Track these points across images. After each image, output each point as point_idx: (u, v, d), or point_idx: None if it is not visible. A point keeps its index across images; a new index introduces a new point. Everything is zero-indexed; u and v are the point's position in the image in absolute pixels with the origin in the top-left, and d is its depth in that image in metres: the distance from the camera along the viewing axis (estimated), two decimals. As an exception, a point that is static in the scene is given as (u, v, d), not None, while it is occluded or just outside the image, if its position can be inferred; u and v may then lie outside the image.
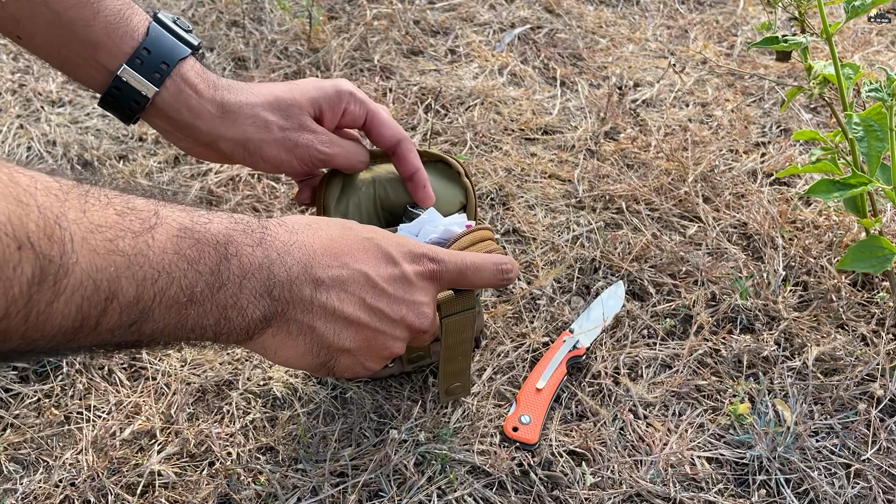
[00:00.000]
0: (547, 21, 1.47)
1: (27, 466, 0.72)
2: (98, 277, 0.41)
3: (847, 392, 0.78)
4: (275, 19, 1.42)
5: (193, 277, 0.46)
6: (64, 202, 0.40)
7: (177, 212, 0.47)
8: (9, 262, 0.36)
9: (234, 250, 0.49)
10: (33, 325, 0.39)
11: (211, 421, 0.75)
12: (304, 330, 0.54)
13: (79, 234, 0.40)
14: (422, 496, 0.69)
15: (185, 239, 0.46)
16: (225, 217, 0.50)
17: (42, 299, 0.39)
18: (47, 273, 0.38)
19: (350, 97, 0.69)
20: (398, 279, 0.57)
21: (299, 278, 0.52)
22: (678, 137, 1.16)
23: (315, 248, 0.54)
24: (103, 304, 0.42)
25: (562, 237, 0.99)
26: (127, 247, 0.43)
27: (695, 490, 0.70)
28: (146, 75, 0.63)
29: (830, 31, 0.77)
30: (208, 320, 0.48)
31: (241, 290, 0.49)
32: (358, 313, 0.55)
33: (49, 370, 0.80)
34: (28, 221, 0.37)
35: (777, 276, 0.91)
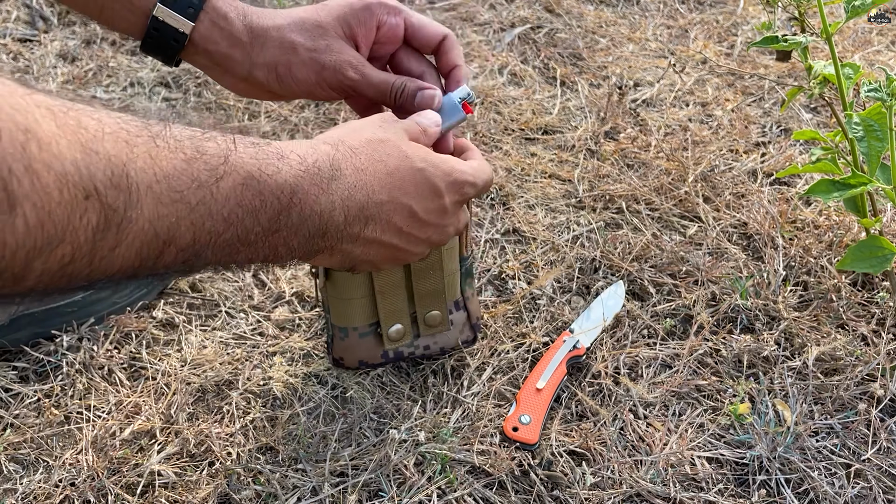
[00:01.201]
0: (547, 21, 1.47)
1: (27, 466, 0.72)
2: (159, 225, 0.42)
3: (847, 392, 0.78)
4: (275, 19, 1.42)
5: (251, 224, 0.48)
6: (133, 148, 0.41)
7: (247, 157, 0.48)
8: (76, 211, 0.37)
9: (298, 199, 0.51)
10: (97, 269, 0.40)
11: (211, 421, 0.75)
12: (344, 254, 0.59)
13: (145, 183, 0.41)
14: (422, 496, 0.69)
15: (249, 188, 0.47)
16: (296, 162, 0.51)
17: (105, 245, 0.40)
18: (111, 222, 0.39)
19: (381, 8, 0.67)
20: (438, 210, 0.62)
21: (354, 219, 0.56)
22: (678, 137, 1.16)
23: (374, 186, 0.57)
24: (161, 248, 0.43)
25: (562, 237, 0.99)
26: (191, 196, 0.44)
27: (695, 490, 0.70)
28: (180, 11, 0.64)
29: (830, 30, 0.77)
30: (257, 256, 0.51)
31: (296, 234, 0.52)
32: (393, 239, 0.60)
33: (49, 370, 0.80)
34: (96, 171, 0.38)
35: (777, 276, 0.91)
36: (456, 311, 0.79)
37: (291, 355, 0.83)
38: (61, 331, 0.83)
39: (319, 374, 0.81)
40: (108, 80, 1.28)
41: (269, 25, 0.66)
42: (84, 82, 1.27)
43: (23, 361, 0.81)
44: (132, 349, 0.83)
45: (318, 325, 0.86)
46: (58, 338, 0.82)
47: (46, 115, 0.37)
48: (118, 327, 0.85)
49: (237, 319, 0.87)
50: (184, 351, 0.83)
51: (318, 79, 0.66)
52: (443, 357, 0.82)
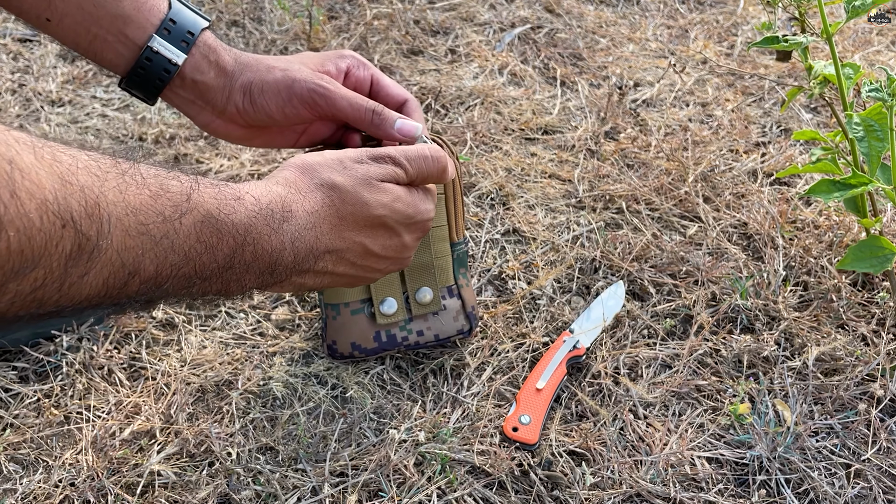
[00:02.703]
0: (547, 21, 1.47)
1: (27, 466, 0.72)
2: (126, 256, 0.44)
3: (847, 392, 0.78)
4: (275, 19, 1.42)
5: (208, 260, 0.50)
6: (104, 182, 0.43)
7: (207, 197, 0.50)
8: (53, 238, 0.39)
9: (252, 239, 0.53)
10: (65, 295, 0.42)
11: (211, 421, 0.75)
12: (293, 284, 0.60)
13: (115, 214, 0.43)
14: (422, 496, 0.69)
15: (207, 226, 0.50)
16: (251, 203, 0.54)
17: (76, 273, 0.41)
18: (84, 250, 0.41)
19: (353, 60, 0.72)
20: (397, 246, 0.63)
21: (305, 259, 0.58)
22: (678, 137, 1.16)
23: (324, 228, 0.58)
24: (126, 279, 0.45)
25: (562, 237, 0.99)
26: (155, 230, 0.46)
27: (695, 490, 0.70)
28: (174, 44, 0.67)
29: (831, 30, 0.77)
30: (210, 290, 0.53)
31: (247, 271, 0.54)
32: (346, 270, 0.62)
33: (49, 370, 0.80)
34: (72, 201, 0.40)
35: (777, 276, 0.91)
36: (449, 297, 0.80)
37: (291, 355, 0.83)
38: (61, 331, 0.83)
39: (319, 374, 0.81)
40: (107, 81, 1.28)
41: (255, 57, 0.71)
42: (84, 82, 1.27)
43: (23, 361, 0.81)
44: (132, 349, 0.83)
45: (318, 325, 0.86)
46: (58, 338, 0.82)
47: (25, 149, 0.38)
48: (118, 327, 0.85)
49: (237, 319, 0.87)
50: (184, 351, 0.83)
51: (288, 94, 0.68)
52: (441, 356, 0.82)
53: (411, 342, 0.79)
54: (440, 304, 0.79)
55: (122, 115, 1.20)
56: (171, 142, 1.13)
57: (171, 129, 1.16)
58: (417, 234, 0.66)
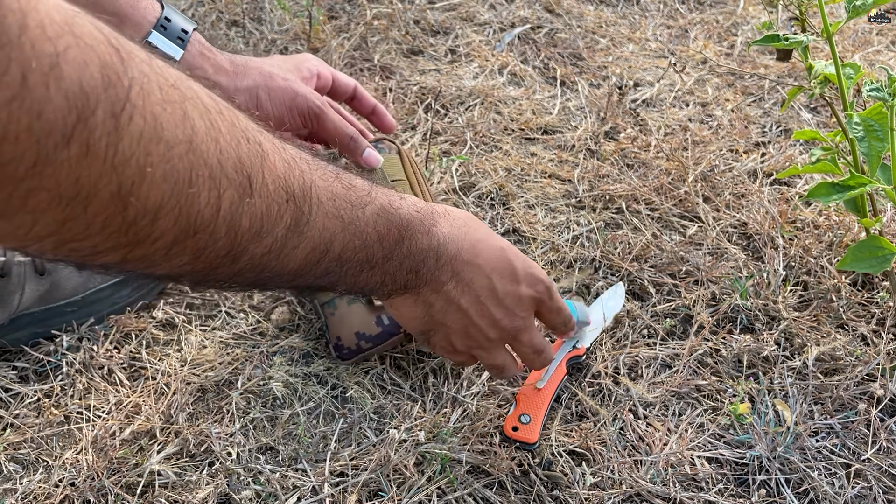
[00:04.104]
0: (547, 21, 1.47)
1: (27, 466, 0.72)
2: (324, 235, 0.51)
3: (847, 392, 0.78)
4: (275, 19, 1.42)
5: (377, 248, 0.57)
6: (313, 171, 0.50)
7: (381, 193, 0.58)
8: (281, 209, 0.46)
9: (410, 234, 0.59)
10: (280, 263, 0.49)
11: (211, 421, 0.75)
12: (426, 304, 0.64)
13: (319, 197, 0.50)
14: (422, 496, 0.69)
15: (381, 217, 0.56)
16: (410, 204, 0.60)
17: (290, 243, 0.48)
18: (299, 223, 0.48)
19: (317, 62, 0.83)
20: (514, 295, 0.66)
21: (444, 267, 0.62)
22: (678, 137, 1.16)
23: (463, 245, 0.63)
24: (320, 255, 0.52)
25: (562, 237, 0.99)
26: (346, 215, 0.53)
27: (695, 490, 0.70)
28: (171, 41, 0.71)
29: (831, 30, 0.77)
30: (371, 281, 0.58)
31: (402, 266, 0.59)
32: (469, 305, 0.64)
33: (49, 370, 0.80)
34: (293, 181, 0.47)
35: (777, 276, 0.91)
36: None
37: (291, 355, 0.83)
38: (61, 331, 0.83)
39: (319, 374, 0.81)
40: (108, 80, 1.28)
41: (248, 59, 0.76)
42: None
43: (23, 361, 0.81)
44: (132, 349, 0.83)
45: (318, 326, 0.86)
46: (58, 338, 0.82)
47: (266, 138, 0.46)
48: (118, 327, 0.85)
49: (237, 319, 0.87)
50: (184, 351, 0.83)
51: (291, 104, 0.76)
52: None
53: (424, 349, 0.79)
54: None
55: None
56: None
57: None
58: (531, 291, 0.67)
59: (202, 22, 1.39)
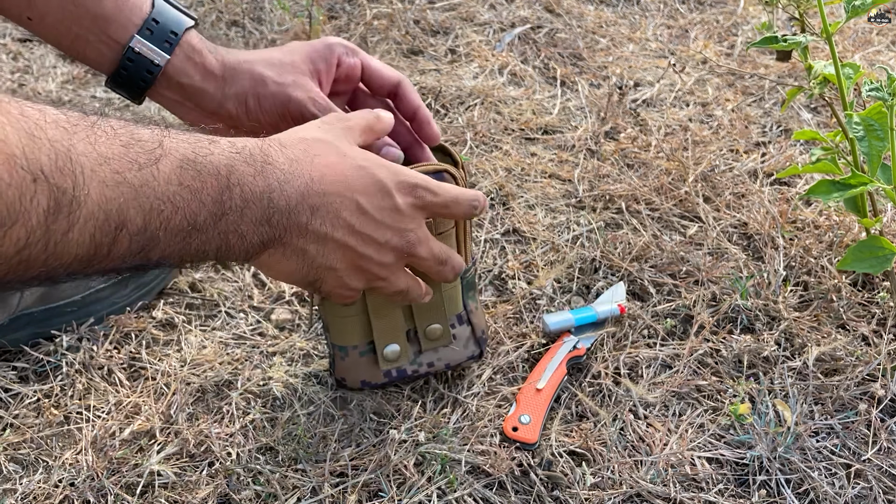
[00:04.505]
0: (547, 21, 1.47)
1: (27, 466, 0.72)
2: (108, 208, 0.44)
3: (847, 392, 0.78)
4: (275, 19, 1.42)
5: (197, 207, 0.49)
6: (73, 135, 0.42)
7: (180, 142, 0.49)
8: (25, 194, 0.39)
9: (237, 179, 0.51)
10: (52, 254, 0.42)
11: (211, 421, 0.75)
12: (298, 252, 0.57)
13: (88, 166, 0.42)
14: (422, 496, 0.69)
15: (187, 170, 0.48)
16: (227, 146, 0.52)
17: (58, 229, 0.41)
18: (61, 204, 0.41)
19: (342, 48, 0.70)
20: (387, 208, 0.60)
21: (297, 206, 0.55)
22: (678, 137, 1.16)
23: (313, 175, 0.56)
24: (114, 234, 0.44)
25: (562, 237, 0.99)
26: (133, 178, 0.45)
27: (695, 490, 0.70)
28: (157, 44, 0.65)
29: (830, 30, 0.77)
30: (210, 245, 0.51)
31: (242, 218, 0.52)
32: (346, 238, 0.58)
33: (49, 370, 0.80)
34: (40, 155, 0.39)
35: (777, 276, 0.91)
36: (459, 325, 0.76)
37: (291, 355, 0.83)
38: (61, 331, 0.83)
39: (319, 374, 0.81)
40: (107, 80, 1.28)
41: (241, 60, 0.68)
42: (83, 82, 1.27)
43: (22, 361, 0.81)
44: (132, 349, 0.83)
45: (318, 327, 0.86)
46: (57, 338, 0.82)
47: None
48: (118, 327, 0.85)
49: (237, 319, 0.87)
50: (183, 351, 0.83)
51: (283, 111, 0.68)
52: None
53: (421, 373, 0.77)
54: (450, 336, 0.76)
55: (121, 114, 1.20)
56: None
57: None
58: (409, 198, 0.61)
59: (202, 22, 1.39)
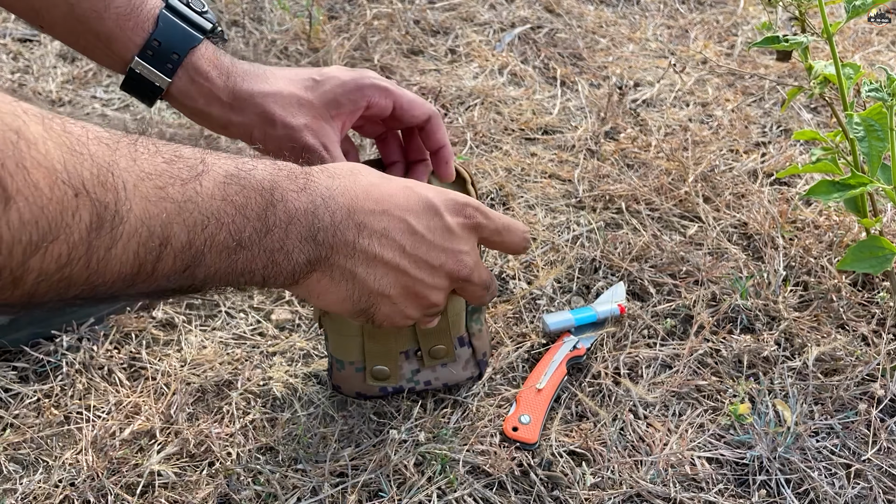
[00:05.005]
0: (547, 21, 1.47)
1: (27, 466, 0.72)
2: (151, 224, 0.42)
3: (847, 392, 0.78)
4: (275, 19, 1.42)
5: (241, 223, 0.48)
6: (115, 151, 0.42)
7: (222, 159, 0.48)
8: (67, 208, 0.38)
9: (280, 195, 0.50)
10: (94, 272, 0.40)
11: (211, 421, 0.75)
12: (346, 275, 0.55)
13: (130, 181, 0.41)
14: (422, 496, 0.69)
15: (231, 185, 0.47)
16: (269, 163, 0.51)
17: (101, 245, 0.40)
18: (104, 219, 0.40)
19: (373, 90, 0.67)
20: (438, 228, 0.57)
21: (343, 223, 0.53)
22: (678, 137, 1.16)
23: (357, 192, 0.54)
24: (158, 250, 0.43)
25: (562, 237, 0.99)
26: (176, 193, 0.44)
27: (695, 490, 0.70)
28: (158, 67, 0.63)
29: (831, 30, 0.77)
30: (256, 264, 0.49)
31: (287, 235, 0.50)
32: (398, 259, 0.56)
33: (49, 370, 0.80)
34: (82, 169, 0.39)
35: (777, 276, 0.91)
36: (460, 346, 0.76)
37: (291, 355, 0.83)
38: (61, 331, 0.83)
39: (319, 374, 0.81)
40: (107, 80, 1.28)
41: (254, 91, 0.65)
42: (84, 82, 1.27)
43: (23, 361, 0.81)
44: (132, 349, 0.83)
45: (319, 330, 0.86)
46: (58, 338, 0.82)
47: (33, 119, 0.38)
48: (118, 327, 0.85)
49: (237, 319, 0.87)
50: (184, 351, 0.83)
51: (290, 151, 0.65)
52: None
53: (417, 390, 0.77)
54: (454, 355, 0.75)
55: (122, 115, 1.20)
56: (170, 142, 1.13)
57: (171, 128, 1.16)
58: (460, 218, 0.59)
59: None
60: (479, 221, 0.60)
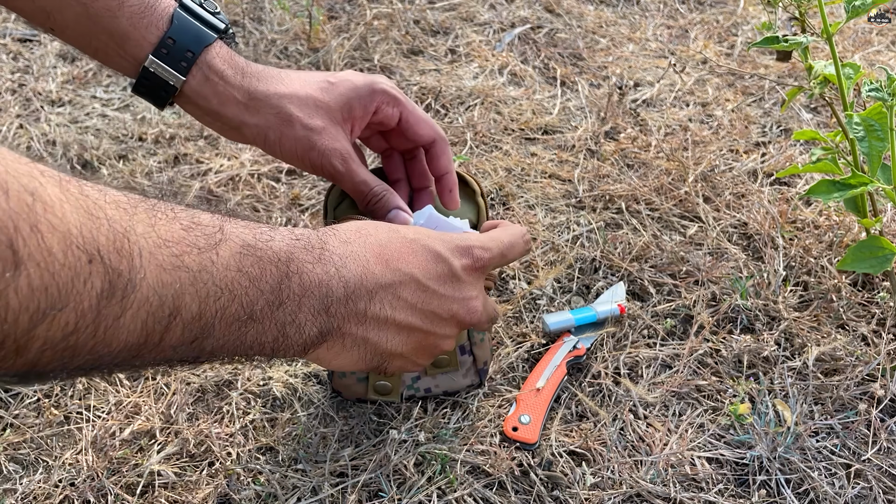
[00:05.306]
0: (547, 21, 1.47)
1: (27, 466, 0.72)
2: (163, 293, 0.41)
3: (847, 392, 0.78)
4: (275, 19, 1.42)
5: (254, 295, 0.46)
6: (132, 216, 0.40)
7: (240, 228, 0.47)
8: (80, 275, 0.36)
9: (296, 268, 0.49)
10: (101, 341, 0.39)
11: (211, 421, 0.75)
12: (358, 342, 0.54)
13: (147, 248, 0.40)
14: (422, 496, 0.69)
15: (247, 256, 0.46)
16: (287, 233, 0.50)
17: (110, 314, 0.38)
18: (116, 287, 0.38)
19: (384, 97, 0.67)
20: (447, 277, 0.57)
21: (355, 292, 0.53)
22: (678, 137, 1.16)
23: (368, 257, 0.54)
24: (167, 320, 0.42)
25: (562, 237, 0.99)
26: (192, 263, 0.43)
27: (695, 490, 0.70)
28: (172, 65, 0.63)
29: (831, 30, 0.77)
30: (266, 337, 0.48)
31: (300, 308, 0.49)
32: (409, 318, 0.56)
33: (49, 370, 0.80)
34: (98, 235, 0.37)
35: (777, 276, 0.91)
36: (461, 354, 0.75)
37: (291, 355, 0.83)
38: (61, 331, 0.83)
39: (319, 374, 0.81)
40: (107, 80, 1.28)
41: (270, 93, 0.65)
42: (84, 82, 1.27)
43: (23, 361, 0.81)
44: (132, 349, 0.83)
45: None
46: (58, 338, 0.82)
47: (50, 181, 0.36)
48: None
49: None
50: (184, 351, 0.83)
51: (303, 155, 0.66)
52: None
53: (417, 397, 0.77)
54: (457, 364, 0.75)
55: (122, 115, 1.20)
56: (170, 142, 1.13)
57: (171, 128, 1.16)
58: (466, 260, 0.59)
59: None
60: (484, 260, 0.60)
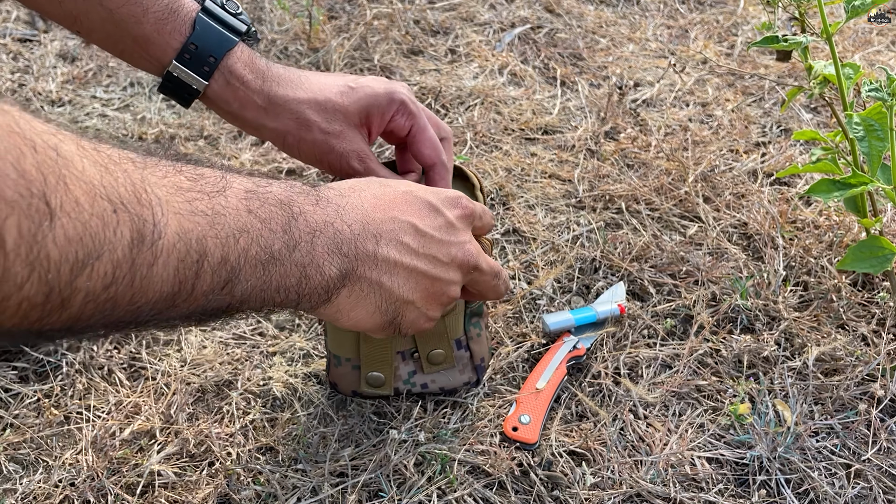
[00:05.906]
0: (547, 21, 1.47)
1: (27, 466, 0.72)
2: (187, 238, 0.43)
3: (847, 392, 0.78)
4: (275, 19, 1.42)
5: (269, 236, 0.49)
6: (144, 168, 0.42)
7: (240, 177, 0.50)
8: (108, 224, 0.37)
9: (298, 209, 0.51)
10: (138, 290, 0.40)
11: (211, 421, 0.75)
12: (374, 286, 0.56)
13: (163, 197, 0.42)
14: (422, 496, 0.69)
15: (253, 200, 0.49)
16: (281, 181, 0.53)
17: (143, 262, 0.40)
18: (144, 234, 0.40)
19: (400, 107, 0.69)
20: (442, 224, 0.60)
21: (361, 234, 0.55)
22: (678, 137, 1.16)
23: (365, 206, 0.56)
24: (196, 266, 0.43)
25: (562, 237, 0.99)
26: (205, 207, 0.45)
27: (695, 490, 0.70)
28: (195, 69, 0.65)
29: (831, 30, 0.77)
30: (290, 280, 0.50)
31: (315, 248, 0.52)
32: (415, 262, 0.58)
33: (49, 370, 0.80)
34: (118, 186, 0.38)
35: (777, 276, 0.91)
36: (457, 349, 0.75)
37: (291, 355, 0.83)
38: (61, 331, 0.83)
39: (319, 374, 0.81)
40: (107, 80, 1.28)
41: (290, 98, 0.67)
42: (84, 82, 1.27)
43: (23, 361, 0.81)
44: (132, 349, 0.83)
45: (319, 327, 0.86)
46: (58, 338, 0.82)
47: (68, 139, 0.38)
48: (118, 327, 0.85)
49: (237, 319, 0.87)
50: (183, 351, 0.83)
51: (321, 158, 0.68)
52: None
53: (414, 392, 0.77)
54: (453, 361, 0.75)
55: (121, 115, 1.20)
56: (170, 142, 1.13)
57: (171, 129, 1.16)
58: (457, 210, 0.62)
59: (202, 22, 1.39)
60: (470, 209, 0.63)
